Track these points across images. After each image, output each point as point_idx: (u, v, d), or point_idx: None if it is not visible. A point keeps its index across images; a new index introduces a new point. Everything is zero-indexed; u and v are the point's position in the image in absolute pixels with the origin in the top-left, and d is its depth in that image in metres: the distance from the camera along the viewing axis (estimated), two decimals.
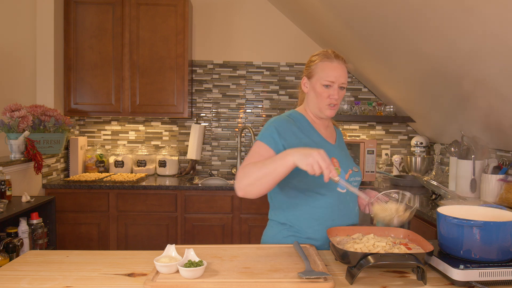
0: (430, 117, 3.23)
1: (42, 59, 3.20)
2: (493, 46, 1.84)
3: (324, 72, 1.56)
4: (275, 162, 1.35)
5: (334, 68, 1.56)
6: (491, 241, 1.16)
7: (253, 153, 1.50)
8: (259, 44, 3.75)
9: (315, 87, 1.58)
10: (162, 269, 1.19)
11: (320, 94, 1.57)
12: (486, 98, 2.26)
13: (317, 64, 1.58)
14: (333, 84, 1.56)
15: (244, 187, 1.38)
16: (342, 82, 1.57)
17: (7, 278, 1.20)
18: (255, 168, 1.37)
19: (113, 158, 3.62)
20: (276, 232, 1.61)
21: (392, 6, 2.18)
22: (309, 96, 1.63)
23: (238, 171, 1.41)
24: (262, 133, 1.55)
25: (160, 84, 3.38)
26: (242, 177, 1.38)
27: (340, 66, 1.57)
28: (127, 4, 3.34)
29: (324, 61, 1.57)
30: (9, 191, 2.42)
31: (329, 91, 1.56)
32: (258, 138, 1.54)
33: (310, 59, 1.63)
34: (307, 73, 1.62)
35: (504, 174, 2.38)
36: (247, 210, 3.12)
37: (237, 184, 1.40)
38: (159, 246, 2.99)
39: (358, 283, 1.18)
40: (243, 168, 1.40)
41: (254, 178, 1.36)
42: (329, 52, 1.59)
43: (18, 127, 2.76)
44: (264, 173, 1.35)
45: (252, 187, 1.37)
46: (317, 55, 1.61)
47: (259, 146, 1.52)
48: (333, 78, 1.55)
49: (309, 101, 1.63)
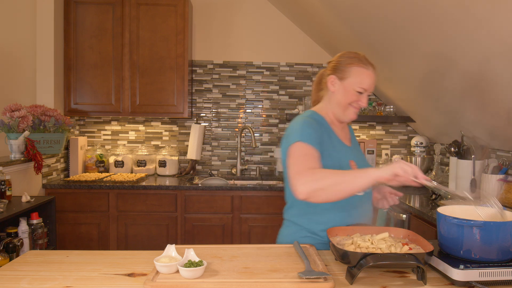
0: (430, 117, 3.23)
1: (42, 59, 3.20)
2: (494, 46, 1.84)
3: (360, 78, 1.54)
4: (354, 173, 1.33)
5: (369, 76, 1.55)
6: (491, 241, 1.16)
7: (303, 155, 1.43)
8: (259, 44, 3.75)
9: (347, 90, 1.55)
10: (162, 269, 1.19)
11: (350, 98, 1.55)
12: (486, 98, 2.26)
13: (353, 68, 1.55)
14: (365, 92, 1.55)
15: (312, 191, 1.33)
16: (372, 90, 1.58)
17: (7, 278, 1.20)
18: (330, 174, 1.34)
19: (113, 158, 3.62)
20: (293, 232, 1.60)
21: (392, 6, 2.18)
22: (335, 96, 1.59)
23: (298, 175, 1.36)
24: (300, 133, 1.48)
25: (160, 84, 3.38)
26: (312, 182, 1.32)
27: (372, 74, 1.57)
28: (127, 4, 3.34)
29: (361, 66, 1.55)
30: (9, 191, 2.42)
31: (359, 97, 1.55)
32: (299, 139, 1.46)
33: (340, 59, 1.58)
34: (337, 73, 1.57)
35: (504, 174, 2.38)
36: (247, 210, 3.12)
37: (303, 187, 1.33)
38: (159, 246, 2.98)
39: (358, 283, 1.18)
40: (309, 172, 1.35)
41: (327, 184, 1.32)
42: (363, 57, 1.57)
43: (18, 127, 2.76)
44: (342, 181, 1.32)
45: (321, 193, 1.33)
46: (352, 57, 1.56)
47: (306, 147, 1.44)
48: (367, 86, 1.55)
49: (334, 101, 1.60)
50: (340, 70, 1.57)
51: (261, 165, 3.81)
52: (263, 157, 3.81)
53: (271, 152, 3.81)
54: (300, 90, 3.79)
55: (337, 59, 1.60)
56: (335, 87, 1.58)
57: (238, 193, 3.12)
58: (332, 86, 1.59)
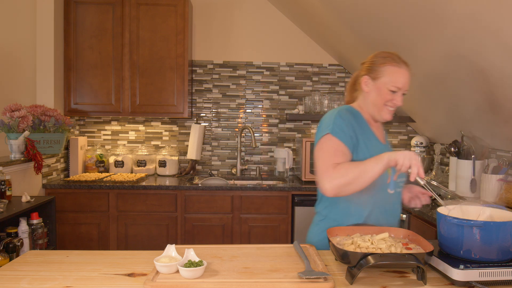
0: (430, 117, 3.23)
1: (42, 59, 3.20)
2: (494, 46, 1.84)
3: (393, 77, 1.54)
4: (372, 163, 1.40)
5: (402, 74, 1.55)
6: (491, 241, 1.16)
7: (332, 150, 1.49)
8: (259, 44, 3.75)
9: (380, 89, 1.56)
10: (162, 269, 1.19)
11: (384, 98, 1.56)
12: (487, 98, 2.26)
13: (385, 67, 1.55)
14: (399, 91, 1.55)
15: (339, 186, 1.41)
16: (406, 89, 1.57)
17: (7, 278, 1.20)
18: (350, 169, 1.41)
19: (113, 158, 3.62)
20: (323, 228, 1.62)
21: (393, 7, 2.18)
22: (369, 96, 1.60)
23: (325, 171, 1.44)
24: (332, 126, 1.52)
25: (160, 84, 3.38)
26: (338, 177, 1.41)
27: (407, 73, 1.56)
28: (127, 4, 3.34)
29: (393, 65, 1.55)
30: (9, 191, 2.42)
31: (393, 96, 1.55)
32: (331, 132, 1.51)
33: (373, 60, 1.59)
34: (371, 74, 1.58)
35: (504, 174, 2.38)
36: (247, 210, 3.12)
37: (330, 184, 1.42)
38: (159, 246, 2.99)
39: (358, 283, 1.18)
40: (337, 168, 1.43)
41: (351, 178, 1.40)
42: (396, 56, 1.57)
43: (18, 127, 2.76)
44: (360, 174, 1.40)
45: (347, 187, 1.41)
46: (384, 57, 1.57)
47: (334, 142, 1.50)
48: (401, 84, 1.54)
49: (368, 101, 1.61)
50: (373, 70, 1.58)
51: (261, 165, 3.81)
52: (263, 157, 3.81)
53: (271, 152, 3.81)
54: (300, 90, 3.79)
55: (370, 60, 1.61)
56: (369, 87, 1.60)
57: (238, 193, 3.12)
58: (366, 87, 1.61)
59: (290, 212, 3.13)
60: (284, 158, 3.60)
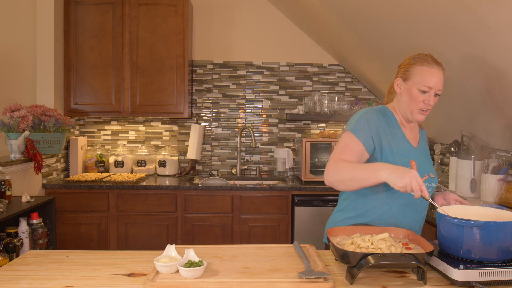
0: (430, 117, 3.23)
1: (42, 59, 3.20)
2: (494, 46, 1.84)
3: (423, 77, 1.53)
4: (366, 172, 1.41)
5: (433, 74, 1.54)
6: (491, 241, 1.16)
7: (345, 147, 1.54)
8: (259, 44, 3.75)
9: (411, 90, 1.56)
10: (162, 269, 1.19)
11: (415, 98, 1.55)
12: (487, 98, 2.26)
13: (416, 68, 1.55)
14: (430, 90, 1.54)
15: (332, 182, 1.49)
16: (438, 88, 1.55)
17: (7, 278, 1.20)
18: (346, 169, 1.45)
19: (113, 158, 3.62)
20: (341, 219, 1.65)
21: (393, 7, 2.18)
22: (401, 97, 1.61)
23: (329, 163, 1.52)
24: (354, 124, 1.56)
25: (160, 84, 3.38)
26: (333, 173, 1.48)
27: (438, 73, 1.55)
28: (127, 4, 3.34)
29: (424, 65, 1.55)
30: (9, 191, 2.42)
31: (424, 97, 1.55)
32: (350, 129, 1.56)
33: (407, 61, 1.61)
34: (403, 75, 1.60)
35: (504, 174, 2.38)
36: (247, 210, 3.12)
37: (326, 176, 1.51)
38: (159, 246, 2.99)
39: (358, 283, 1.18)
40: (336, 164, 1.49)
41: (342, 178, 1.46)
42: (428, 57, 1.57)
43: (18, 127, 2.76)
44: (353, 178, 1.44)
45: (340, 184, 1.49)
46: (416, 58, 1.58)
47: (351, 139, 1.55)
48: (432, 84, 1.53)
49: (401, 103, 1.62)
50: (405, 72, 1.59)
51: (261, 165, 3.81)
52: (263, 157, 3.81)
53: (271, 152, 3.81)
54: (300, 90, 3.79)
55: (405, 62, 1.63)
56: (401, 89, 1.61)
57: (238, 193, 3.12)
58: (398, 88, 1.62)
59: (290, 212, 3.13)
60: (284, 158, 3.60)
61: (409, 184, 1.31)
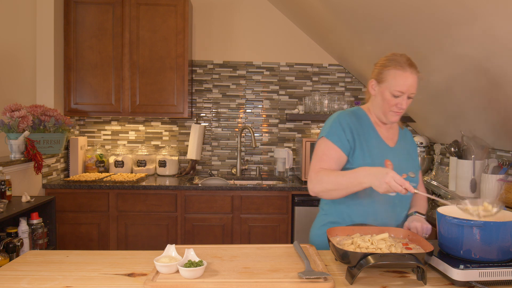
0: (430, 117, 3.23)
1: (42, 59, 3.19)
2: (494, 47, 1.84)
3: (396, 81, 1.52)
4: (349, 180, 1.42)
5: (406, 78, 1.52)
6: (491, 241, 1.16)
7: (322, 155, 1.54)
8: (259, 44, 3.75)
9: (384, 93, 1.55)
10: (162, 269, 1.19)
11: (388, 102, 1.55)
12: (487, 98, 2.26)
13: (389, 71, 1.54)
14: (403, 95, 1.53)
15: (318, 192, 1.51)
16: (412, 92, 1.54)
17: (7, 278, 1.20)
18: (328, 179, 1.46)
19: (113, 158, 3.62)
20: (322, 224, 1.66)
21: (393, 7, 2.18)
22: (375, 99, 1.61)
23: (311, 173, 1.52)
24: (328, 130, 1.57)
25: (160, 84, 3.38)
26: (316, 184, 1.49)
27: (412, 76, 1.53)
28: (127, 4, 3.34)
29: (397, 69, 1.52)
30: (9, 191, 2.42)
31: (397, 100, 1.54)
32: (325, 135, 1.56)
33: (381, 63, 1.58)
34: (377, 77, 1.58)
35: (504, 174, 2.38)
36: (247, 210, 3.12)
37: (310, 187, 1.52)
38: (159, 246, 2.98)
39: (358, 283, 1.18)
40: (317, 174, 1.49)
41: (326, 188, 1.47)
42: (403, 59, 1.55)
43: (18, 127, 2.76)
44: (337, 187, 1.45)
45: (325, 194, 1.50)
46: (390, 60, 1.56)
47: (327, 145, 1.54)
48: (404, 88, 1.52)
49: (374, 104, 1.62)
50: (379, 74, 1.58)
51: (261, 165, 3.81)
52: (263, 157, 3.81)
53: (271, 152, 3.81)
54: (300, 90, 3.79)
55: (379, 63, 1.61)
56: (375, 91, 1.60)
57: (238, 193, 3.12)
58: (372, 90, 1.62)
59: (290, 212, 3.13)
60: (284, 158, 3.60)
61: (388, 187, 1.32)
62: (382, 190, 1.34)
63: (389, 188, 1.32)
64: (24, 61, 3.28)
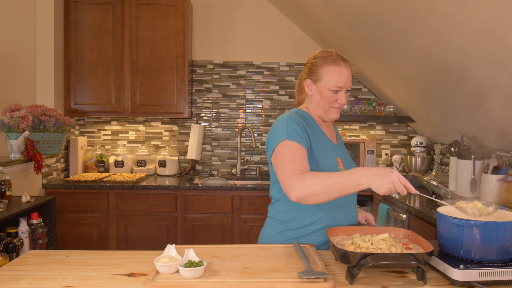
0: (430, 117, 3.23)
1: (42, 59, 3.19)
2: (494, 47, 1.84)
3: (332, 77, 1.52)
4: (346, 182, 1.33)
5: (342, 73, 1.53)
6: (491, 241, 1.16)
7: (293, 156, 1.43)
8: (259, 44, 3.75)
9: (322, 91, 1.55)
10: (162, 269, 1.19)
11: (328, 99, 1.55)
12: (486, 98, 2.26)
13: (324, 68, 1.54)
14: (341, 89, 1.54)
15: (303, 197, 1.37)
16: (349, 86, 1.55)
17: (7, 278, 1.20)
18: (320, 181, 1.35)
19: (113, 158, 3.62)
20: (275, 233, 1.60)
21: (393, 7, 2.18)
22: (313, 99, 1.59)
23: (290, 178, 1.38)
24: (287, 131, 1.47)
25: (160, 84, 3.38)
26: (303, 188, 1.36)
27: (346, 70, 1.54)
28: (127, 4, 3.34)
29: (331, 65, 1.53)
30: (9, 191, 2.42)
31: (337, 96, 1.54)
32: (287, 137, 1.46)
33: (313, 61, 1.58)
34: (312, 76, 1.57)
35: (504, 174, 2.38)
36: (247, 210, 3.12)
37: (294, 192, 1.37)
38: (159, 246, 2.98)
39: (358, 283, 1.18)
40: (302, 177, 1.37)
41: (317, 192, 1.35)
42: (333, 55, 1.55)
43: (18, 127, 2.76)
44: (330, 190, 1.34)
45: (313, 198, 1.37)
46: (322, 57, 1.56)
47: (294, 146, 1.45)
48: (342, 83, 1.53)
49: (314, 104, 1.60)
50: (313, 72, 1.57)
51: (261, 165, 3.81)
52: (263, 157, 3.81)
53: None
54: None
55: (310, 61, 1.60)
56: (312, 90, 1.59)
57: (238, 193, 3.12)
58: (309, 90, 1.60)
59: None
60: None
61: (392, 188, 1.28)
62: (384, 191, 1.29)
63: (393, 188, 1.28)
64: (24, 61, 3.28)
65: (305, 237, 1.55)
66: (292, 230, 1.57)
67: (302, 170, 1.41)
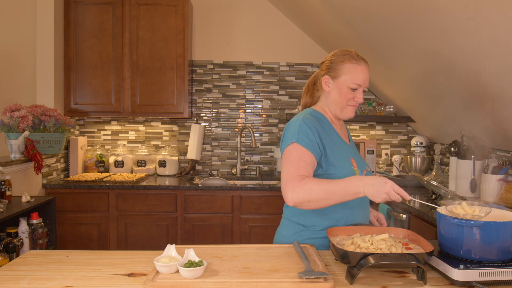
0: (430, 117, 3.23)
1: (42, 59, 3.20)
2: (495, 47, 1.84)
3: (353, 75, 1.53)
4: (344, 190, 1.37)
5: (362, 71, 1.54)
6: (491, 241, 1.16)
7: (299, 160, 1.45)
8: (259, 44, 3.75)
9: (341, 88, 1.55)
10: (162, 269, 1.19)
11: (346, 96, 1.55)
12: (486, 98, 2.26)
13: (344, 65, 1.54)
14: (360, 88, 1.55)
15: (301, 202, 1.39)
16: (366, 85, 1.57)
17: (7, 278, 1.20)
18: (319, 187, 1.37)
19: (113, 158, 3.62)
20: (292, 232, 1.59)
21: (393, 6, 2.18)
22: (330, 95, 1.59)
23: (291, 182, 1.40)
24: (297, 135, 1.48)
25: (160, 84, 3.38)
26: (302, 193, 1.38)
27: (365, 69, 1.56)
28: (127, 4, 3.34)
29: (352, 62, 1.54)
30: (9, 191, 2.42)
31: (355, 94, 1.55)
32: (295, 141, 1.47)
33: (332, 58, 1.58)
34: (331, 73, 1.57)
35: (504, 174, 2.38)
36: (247, 210, 3.12)
37: (293, 197, 1.39)
38: (159, 246, 2.98)
39: (358, 283, 1.18)
40: (303, 183, 1.39)
41: (316, 198, 1.38)
42: (353, 53, 1.56)
43: (18, 127, 2.76)
44: (329, 197, 1.38)
45: (311, 204, 1.40)
46: (341, 55, 1.56)
47: (301, 151, 1.46)
48: (361, 81, 1.54)
49: (330, 101, 1.60)
50: (333, 69, 1.57)
51: (261, 165, 3.81)
52: (263, 157, 3.81)
53: (271, 152, 3.81)
54: (300, 90, 3.79)
55: (329, 59, 1.60)
56: (330, 87, 1.59)
57: (238, 193, 3.12)
58: (326, 87, 1.60)
59: None
60: None
61: (387, 198, 1.33)
62: (380, 200, 1.33)
63: (388, 198, 1.32)
64: (24, 61, 3.28)
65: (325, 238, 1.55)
66: (313, 231, 1.56)
67: (304, 175, 1.42)
